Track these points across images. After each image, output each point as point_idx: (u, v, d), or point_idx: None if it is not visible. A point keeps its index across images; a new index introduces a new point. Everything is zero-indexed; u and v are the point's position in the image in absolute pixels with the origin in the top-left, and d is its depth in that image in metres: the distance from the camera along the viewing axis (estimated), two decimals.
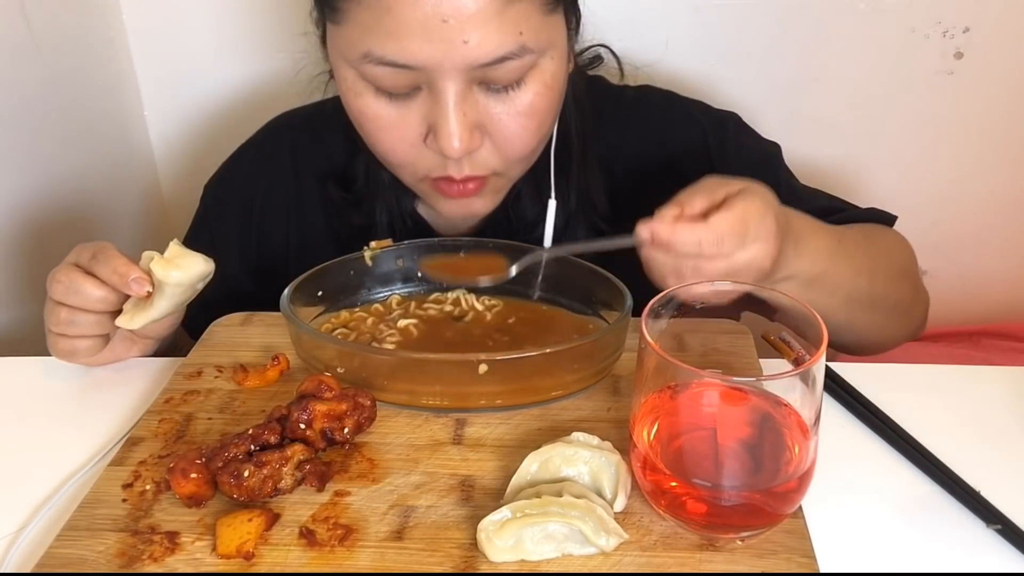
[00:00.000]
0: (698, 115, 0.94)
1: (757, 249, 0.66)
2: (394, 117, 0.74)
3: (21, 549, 0.59)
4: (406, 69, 0.70)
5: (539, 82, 0.74)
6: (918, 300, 0.91)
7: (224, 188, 0.99)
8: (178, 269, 0.70)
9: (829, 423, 0.67)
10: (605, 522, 0.54)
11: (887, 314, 0.86)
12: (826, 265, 0.75)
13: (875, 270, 0.82)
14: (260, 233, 0.96)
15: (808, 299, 0.74)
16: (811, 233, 0.74)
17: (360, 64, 0.72)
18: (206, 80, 1.31)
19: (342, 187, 0.92)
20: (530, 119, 0.75)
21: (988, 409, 0.71)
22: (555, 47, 0.74)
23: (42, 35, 1.08)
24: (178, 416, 0.68)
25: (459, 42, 0.68)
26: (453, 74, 0.70)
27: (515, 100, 0.74)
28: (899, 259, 0.89)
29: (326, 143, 0.93)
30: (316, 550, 0.55)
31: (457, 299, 0.80)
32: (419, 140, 0.75)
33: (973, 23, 1.18)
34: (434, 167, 0.77)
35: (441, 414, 0.67)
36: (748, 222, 0.65)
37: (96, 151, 1.22)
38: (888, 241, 0.90)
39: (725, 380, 0.54)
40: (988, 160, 1.29)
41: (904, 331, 0.91)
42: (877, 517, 0.60)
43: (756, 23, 1.20)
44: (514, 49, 0.70)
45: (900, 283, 0.87)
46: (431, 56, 0.68)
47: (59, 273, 0.73)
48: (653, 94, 0.96)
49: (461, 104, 0.71)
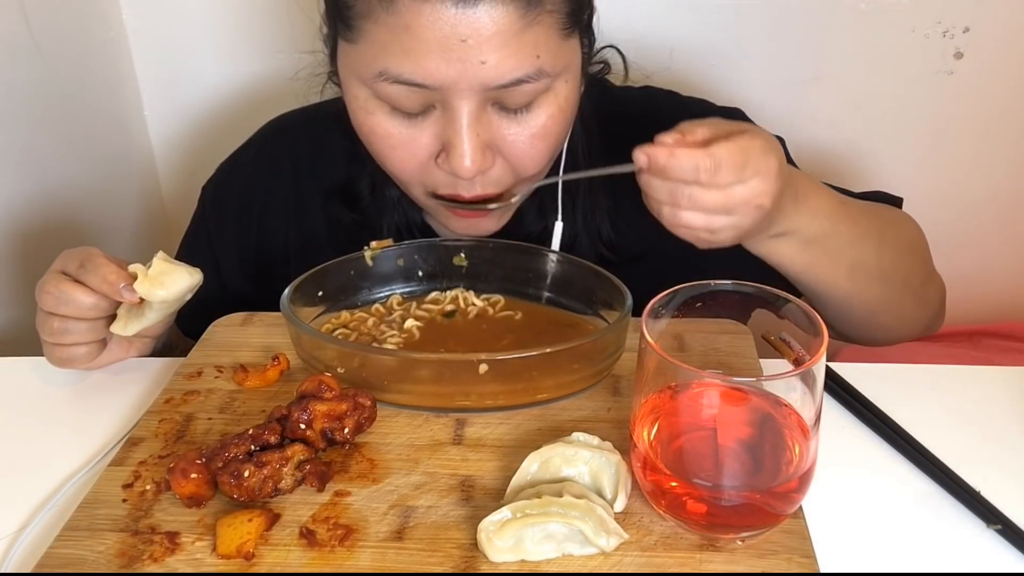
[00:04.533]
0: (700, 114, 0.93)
1: (756, 184, 0.65)
2: (406, 136, 0.74)
3: (21, 549, 0.59)
4: (422, 88, 0.70)
5: (553, 105, 0.74)
6: (932, 282, 0.89)
7: (222, 190, 0.98)
8: (162, 287, 0.70)
9: (829, 423, 0.67)
10: (605, 522, 0.54)
11: (898, 290, 0.83)
12: (827, 225, 0.74)
13: (883, 239, 0.80)
14: (259, 235, 0.96)
15: (808, 261, 0.75)
16: (814, 191, 0.74)
17: (374, 82, 0.71)
18: (206, 80, 1.31)
19: (347, 205, 0.91)
20: (543, 141, 0.75)
21: (988, 409, 0.71)
22: (570, 71, 0.74)
23: (42, 35, 1.08)
24: (178, 416, 0.68)
25: (476, 62, 0.67)
26: (468, 94, 0.70)
27: (528, 122, 0.73)
28: (908, 234, 0.87)
29: (326, 149, 0.93)
30: (316, 550, 0.55)
31: (456, 298, 0.80)
32: (430, 159, 0.75)
33: (973, 23, 1.19)
34: (443, 185, 0.77)
35: (441, 414, 0.67)
36: (749, 154, 0.64)
37: (96, 151, 1.22)
38: (896, 217, 0.88)
39: (725, 380, 0.54)
40: (988, 160, 1.29)
41: (920, 314, 0.89)
42: (877, 517, 0.60)
43: (756, 23, 1.20)
44: (531, 72, 0.70)
45: (910, 257, 0.85)
46: (448, 76, 0.68)
47: (47, 284, 0.73)
48: (656, 94, 0.96)
49: (475, 124, 0.71)
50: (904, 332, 0.90)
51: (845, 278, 0.78)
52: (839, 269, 0.77)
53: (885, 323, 0.87)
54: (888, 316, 0.86)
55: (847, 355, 1.18)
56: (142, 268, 0.71)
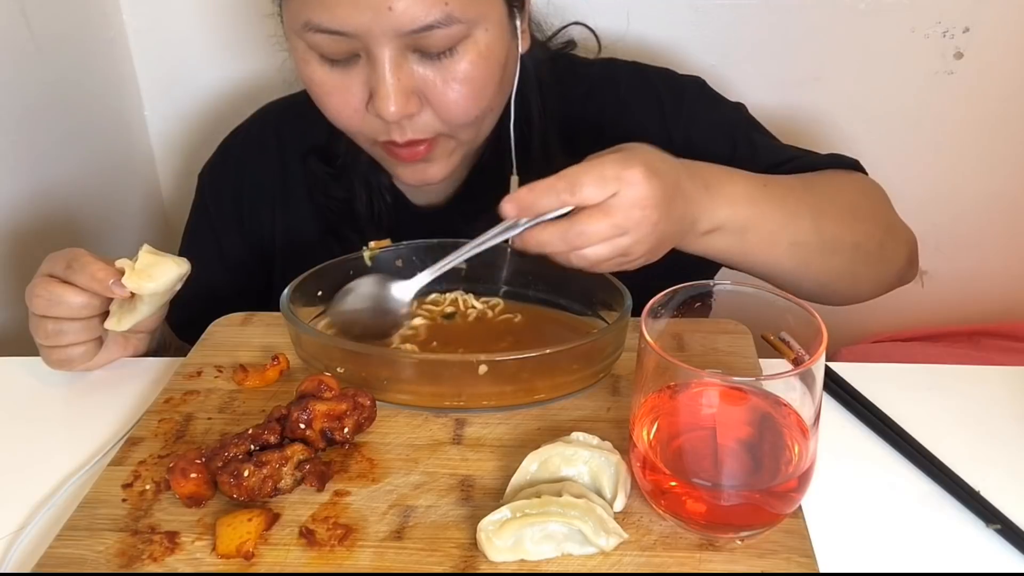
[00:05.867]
0: (658, 84, 0.94)
1: (629, 193, 0.64)
2: (337, 83, 0.78)
3: (21, 549, 0.59)
4: (341, 36, 0.73)
5: (473, 51, 0.76)
6: (891, 239, 0.88)
7: (217, 175, 1.01)
8: (151, 280, 0.71)
9: (829, 423, 0.67)
10: (605, 522, 0.54)
11: (849, 257, 0.83)
12: (750, 210, 0.75)
13: (819, 212, 0.80)
14: (250, 214, 0.99)
15: (747, 250, 0.76)
16: (727, 179, 0.74)
17: (303, 33, 0.75)
18: (206, 80, 1.31)
19: (324, 162, 0.95)
20: (465, 86, 0.77)
21: (988, 409, 0.71)
22: (488, 19, 0.76)
23: (42, 35, 1.08)
24: (178, 416, 0.68)
25: (384, 9, 0.70)
26: (384, 40, 0.73)
27: (449, 68, 0.76)
28: (850, 198, 0.86)
29: (309, 124, 0.94)
30: (316, 550, 0.55)
31: (455, 300, 0.80)
32: (362, 105, 0.78)
33: (973, 23, 1.18)
34: (379, 131, 0.80)
35: (441, 414, 0.67)
36: (604, 166, 0.64)
37: (96, 151, 1.22)
38: (837, 182, 0.87)
39: (725, 380, 0.54)
40: (988, 160, 1.29)
41: (880, 275, 0.89)
42: (877, 517, 0.60)
43: (756, 23, 1.20)
44: (440, 18, 0.72)
45: (856, 223, 0.84)
46: (361, 23, 0.71)
47: (37, 287, 0.73)
48: (619, 67, 0.97)
49: (395, 70, 0.74)
50: (865, 293, 0.90)
51: (787, 259, 0.78)
52: (778, 251, 0.78)
53: (839, 290, 0.87)
54: (841, 283, 0.86)
55: (847, 355, 1.18)
56: (129, 263, 0.71)
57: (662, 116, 0.92)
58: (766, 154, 0.90)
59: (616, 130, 0.88)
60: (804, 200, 0.80)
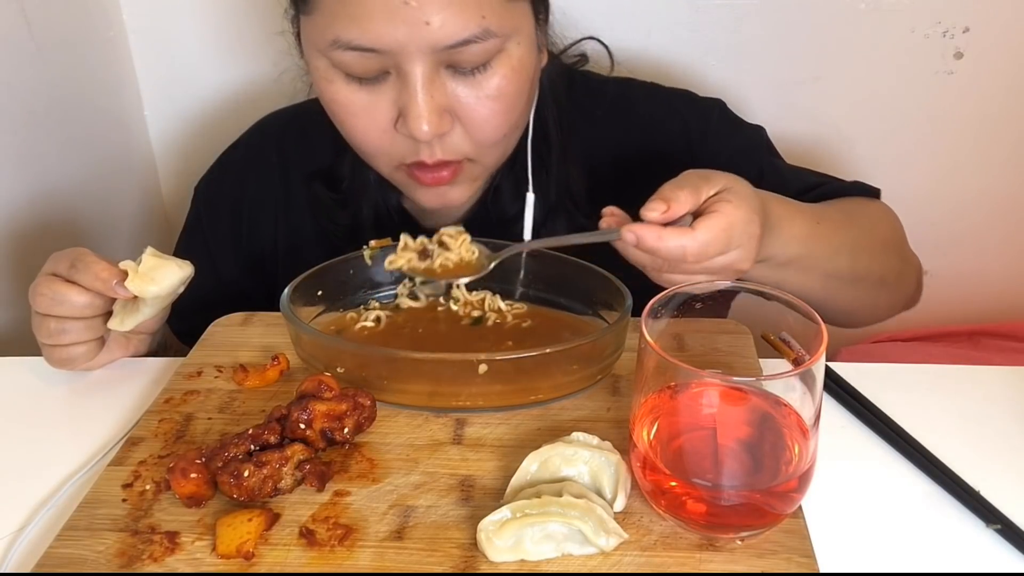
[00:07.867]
0: (680, 107, 0.94)
1: (737, 254, 0.67)
2: (365, 103, 0.75)
3: (21, 549, 0.59)
4: (372, 53, 0.71)
5: (506, 66, 0.75)
6: (907, 269, 0.91)
7: (214, 189, 1.00)
8: (153, 283, 0.71)
9: (829, 423, 0.67)
10: (605, 522, 0.54)
11: (872, 288, 0.86)
12: (800, 249, 0.76)
13: (857, 248, 0.82)
14: (250, 231, 0.97)
15: (781, 280, 0.76)
16: (788, 219, 0.75)
17: (330, 51, 0.73)
18: (206, 80, 1.31)
19: (328, 187, 0.93)
20: (498, 102, 0.76)
21: (988, 409, 0.71)
22: (521, 33, 0.75)
23: (42, 35, 1.08)
24: (178, 416, 0.68)
25: (421, 24, 0.69)
26: (418, 56, 0.71)
27: (483, 84, 0.74)
28: (883, 232, 0.89)
29: (312, 141, 0.94)
30: (316, 550, 0.55)
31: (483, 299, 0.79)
32: (390, 125, 0.76)
33: (973, 23, 1.18)
34: (407, 153, 0.78)
35: (441, 414, 0.67)
36: (733, 230, 0.66)
37: (96, 151, 1.22)
38: (871, 215, 0.89)
39: (725, 380, 0.54)
40: (988, 160, 1.29)
41: (894, 302, 0.91)
42: (877, 517, 0.60)
43: (756, 23, 1.20)
44: (477, 32, 0.71)
45: (884, 257, 0.87)
46: (395, 39, 0.70)
47: (40, 286, 0.73)
48: (636, 87, 0.96)
49: (428, 87, 0.72)
50: (879, 317, 0.92)
51: (819, 289, 0.79)
52: (812, 283, 0.79)
53: (859, 317, 0.90)
54: (863, 312, 0.89)
55: (847, 355, 1.18)
56: (132, 264, 0.71)
57: (688, 142, 0.91)
58: (793, 180, 0.90)
59: (641, 155, 0.88)
60: (847, 237, 0.81)
